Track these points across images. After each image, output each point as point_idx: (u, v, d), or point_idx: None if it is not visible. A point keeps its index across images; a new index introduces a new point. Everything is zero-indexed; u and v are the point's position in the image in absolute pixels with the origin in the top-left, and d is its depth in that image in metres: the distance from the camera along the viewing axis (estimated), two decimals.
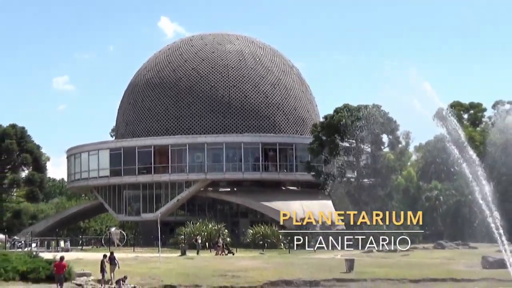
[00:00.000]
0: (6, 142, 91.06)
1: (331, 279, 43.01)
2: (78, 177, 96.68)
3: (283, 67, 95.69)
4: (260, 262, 50.01)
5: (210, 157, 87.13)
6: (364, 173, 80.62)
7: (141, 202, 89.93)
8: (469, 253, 54.77)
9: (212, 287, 39.97)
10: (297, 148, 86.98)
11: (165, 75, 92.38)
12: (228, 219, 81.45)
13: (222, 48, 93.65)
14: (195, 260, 51.63)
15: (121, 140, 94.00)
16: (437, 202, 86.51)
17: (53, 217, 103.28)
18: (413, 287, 42.05)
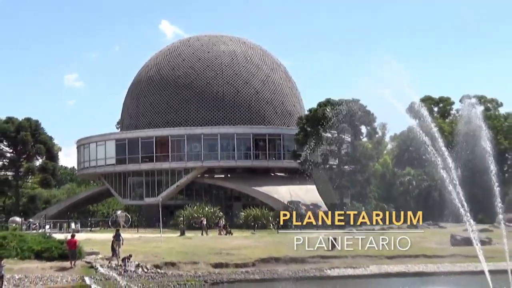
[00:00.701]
0: (22, 134, 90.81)
1: (316, 256, 43.02)
2: (87, 165, 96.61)
3: (271, 65, 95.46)
4: (252, 241, 50.00)
5: (206, 146, 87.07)
6: (344, 160, 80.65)
7: (144, 188, 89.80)
8: (439, 232, 54.92)
9: (208, 264, 40.05)
10: (285, 139, 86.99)
11: (165, 73, 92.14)
12: (222, 203, 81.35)
13: (217, 48, 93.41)
14: (193, 239, 51.61)
15: (126, 132, 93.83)
16: (410, 187, 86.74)
17: (65, 201, 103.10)
18: (389, 262, 42.14)
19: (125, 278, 36.19)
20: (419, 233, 57.77)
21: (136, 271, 37.49)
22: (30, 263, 36.58)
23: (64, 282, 34.14)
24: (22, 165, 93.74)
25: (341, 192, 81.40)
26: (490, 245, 39.59)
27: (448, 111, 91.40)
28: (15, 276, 33.32)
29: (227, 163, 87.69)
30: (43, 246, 39.11)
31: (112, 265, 37.88)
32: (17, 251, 37.79)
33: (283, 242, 48.42)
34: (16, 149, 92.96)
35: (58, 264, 37.02)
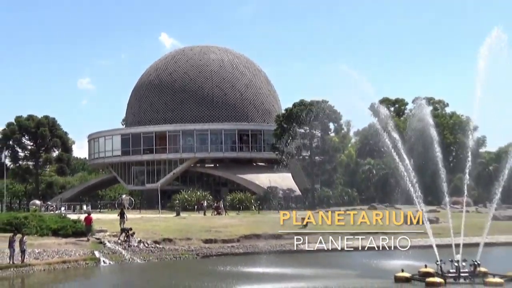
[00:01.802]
0: (41, 129, 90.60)
1: (291, 233, 43.04)
2: (97, 156, 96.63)
3: (253, 71, 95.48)
4: (237, 220, 49.96)
5: (198, 140, 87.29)
6: (315, 152, 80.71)
7: (145, 175, 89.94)
8: (395, 213, 55.00)
9: (200, 240, 40.05)
10: (265, 134, 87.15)
11: (163, 78, 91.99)
12: (212, 188, 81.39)
13: (207, 57, 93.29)
14: (187, 219, 51.53)
15: (130, 128, 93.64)
16: (370, 174, 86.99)
17: (77, 187, 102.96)
18: (352, 238, 42.22)
19: (129, 252, 36.19)
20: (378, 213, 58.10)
21: (138, 246, 37.49)
22: (48, 239, 36.45)
23: (77, 255, 34.06)
24: (41, 156, 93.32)
25: (312, 179, 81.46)
26: (437, 223, 39.76)
27: (403, 111, 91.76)
28: (35, 250, 33.21)
29: (216, 154, 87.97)
30: (59, 225, 39.01)
31: (118, 241, 37.87)
32: (37, 229, 37.64)
33: (263, 221, 48.49)
34: (36, 143, 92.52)
35: (72, 240, 36.93)
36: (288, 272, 28.08)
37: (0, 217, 40.96)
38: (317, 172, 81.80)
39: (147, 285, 27.90)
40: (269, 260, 32.95)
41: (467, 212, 31.40)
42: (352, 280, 25.68)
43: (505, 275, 24.15)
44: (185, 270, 32.09)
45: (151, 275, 31.28)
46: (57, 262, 32.49)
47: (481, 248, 26.44)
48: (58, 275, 30.57)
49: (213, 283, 25.40)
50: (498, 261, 27.64)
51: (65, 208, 71.51)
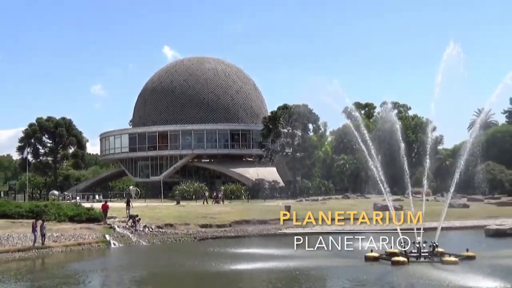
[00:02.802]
0: (59, 129, 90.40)
1: (275, 219, 43.09)
2: (108, 152, 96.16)
3: (243, 79, 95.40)
4: (229, 208, 50.03)
5: (196, 139, 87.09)
6: (296, 149, 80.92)
7: (150, 169, 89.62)
8: (365, 201, 55.29)
9: (197, 225, 40.17)
10: (253, 133, 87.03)
11: (165, 85, 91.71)
12: (207, 180, 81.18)
13: (203, 66, 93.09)
14: (186, 207, 51.46)
15: (136, 128, 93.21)
16: (344, 168, 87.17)
17: (91, 179, 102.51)
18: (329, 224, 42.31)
19: (135, 235, 36.20)
20: (350, 202, 58.39)
21: (144, 230, 37.56)
22: (65, 225, 36.48)
23: (90, 238, 34.07)
24: (59, 152, 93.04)
25: (294, 172, 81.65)
26: (401, 210, 39.99)
27: (372, 113, 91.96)
28: (54, 234, 33.27)
29: (211, 151, 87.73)
30: (74, 212, 39.04)
31: (126, 226, 37.88)
32: (55, 216, 37.66)
33: (251, 209, 48.62)
34: (55, 141, 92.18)
35: (86, 225, 36.96)
36: (272, 252, 28.14)
37: (24, 206, 40.89)
38: (298, 166, 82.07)
39: (151, 263, 27.86)
40: (256, 242, 33.02)
41: (427, 201, 31.57)
42: (327, 259, 25.74)
43: (460, 255, 24.35)
44: (184, 251, 32.12)
45: (155, 255, 31.28)
46: (73, 244, 32.57)
47: (439, 232, 26.62)
48: (74, 255, 30.55)
49: (209, 262, 25.42)
50: (453, 243, 27.84)
51: (79, 197, 71.50)
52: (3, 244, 30.50)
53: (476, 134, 32.41)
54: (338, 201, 61.64)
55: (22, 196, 73.62)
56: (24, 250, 29.88)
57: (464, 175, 30.68)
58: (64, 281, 22.47)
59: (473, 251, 24.95)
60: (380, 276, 21.25)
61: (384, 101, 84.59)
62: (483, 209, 49.63)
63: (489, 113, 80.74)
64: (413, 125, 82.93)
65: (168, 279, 23.51)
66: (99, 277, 24.55)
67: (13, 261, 28.26)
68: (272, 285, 20.44)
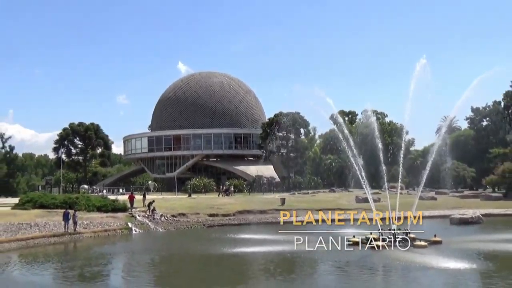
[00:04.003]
0: (88, 133, 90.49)
1: (272, 209, 43.17)
2: (130, 152, 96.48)
3: (245, 90, 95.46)
4: (233, 200, 50.01)
5: (205, 141, 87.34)
6: (290, 150, 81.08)
7: (165, 167, 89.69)
8: (348, 195, 55.34)
9: (206, 214, 40.12)
10: (253, 136, 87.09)
11: (179, 95, 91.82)
12: (214, 176, 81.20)
13: (211, 80, 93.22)
14: (196, 199, 51.49)
15: (154, 132, 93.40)
16: (331, 166, 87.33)
17: (115, 175, 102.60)
18: (317, 213, 42.33)
19: (153, 223, 36.18)
20: (335, 195, 58.48)
21: (160, 218, 37.51)
22: (93, 214, 36.41)
23: (115, 226, 34.05)
24: (88, 153, 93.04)
25: (288, 169, 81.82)
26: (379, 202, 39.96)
27: (354, 120, 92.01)
28: (84, 222, 33.21)
29: (217, 151, 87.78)
30: (101, 203, 38.97)
31: (145, 215, 37.88)
32: (85, 206, 37.60)
33: (252, 201, 48.69)
34: (85, 142, 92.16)
35: (111, 214, 36.89)
36: (269, 238, 28.14)
37: (58, 198, 40.88)
38: (291, 165, 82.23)
39: (166, 247, 27.90)
40: (256, 229, 33.03)
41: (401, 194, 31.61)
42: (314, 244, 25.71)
43: (428, 240, 24.39)
44: (195, 237, 32.11)
45: (169, 240, 31.30)
46: (100, 231, 32.54)
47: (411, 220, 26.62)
48: (101, 240, 30.55)
49: (215, 246, 25.42)
50: (424, 229, 27.82)
51: (106, 191, 71.59)
52: (41, 230, 30.52)
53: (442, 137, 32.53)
54: (325, 194, 61.67)
55: (57, 189, 73.86)
56: (58, 236, 29.86)
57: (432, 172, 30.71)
58: (93, 262, 22.52)
59: (440, 236, 25.00)
60: (361, 258, 21.29)
61: (364, 109, 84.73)
62: (448, 201, 49.64)
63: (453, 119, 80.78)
64: (389, 129, 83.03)
65: (180, 260, 23.55)
66: (123, 258, 24.59)
67: (49, 245, 28.27)
68: (268, 265, 20.47)
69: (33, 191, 65.00)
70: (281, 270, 19.54)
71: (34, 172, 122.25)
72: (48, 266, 22.22)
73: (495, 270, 17.99)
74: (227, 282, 17.71)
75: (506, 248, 22.75)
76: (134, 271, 21.15)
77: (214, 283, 17.59)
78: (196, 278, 18.97)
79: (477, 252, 21.65)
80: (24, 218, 32.96)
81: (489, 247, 23.04)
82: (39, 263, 22.83)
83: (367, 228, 27.69)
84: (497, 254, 21.31)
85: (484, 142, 74.25)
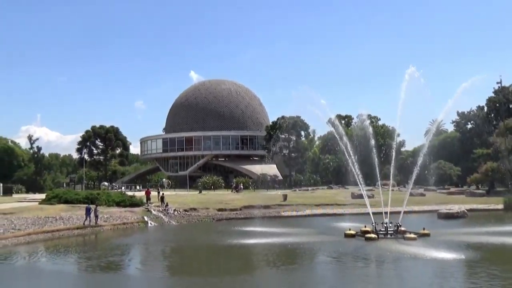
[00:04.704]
0: (109, 135, 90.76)
1: (275, 204, 43.18)
2: (146, 153, 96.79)
3: (251, 96, 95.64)
4: (239, 196, 50.04)
5: (214, 142, 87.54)
6: (291, 150, 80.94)
7: (178, 166, 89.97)
8: (345, 191, 55.23)
9: (215, 209, 40.13)
10: (258, 138, 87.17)
11: (191, 101, 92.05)
12: (223, 174, 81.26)
13: (220, 87, 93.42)
14: (206, 195, 51.49)
15: (168, 134, 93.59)
16: (328, 165, 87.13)
17: (133, 173, 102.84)
18: (316, 207, 42.37)
19: (167, 217, 36.23)
20: (333, 191, 58.42)
21: (173, 213, 37.57)
22: (113, 209, 36.54)
23: (132, 219, 34.14)
24: (108, 153, 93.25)
25: (289, 168, 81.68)
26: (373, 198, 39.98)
27: (350, 123, 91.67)
28: (104, 216, 33.34)
29: (225, 152, 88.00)
30: (120, 199, 39.10)
31: (160, 209, 37.92)
32: (105, 201, 37.75)
33: (257, 197, 48.66)
34: (105, 144, 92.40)
35: (129, 209, 37.00)
36: (272, 231, 28.11)
37: (81, 194, 41.10)
38: (293, 164, 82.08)
39: (179, 238, 27.93)
40: (260, 222, 33.01)
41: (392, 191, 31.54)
42: (314, 236, 25.72)
43: (418, 232, 24.28)
44: (205, 229, 32.14)
45: (182, 232, 31.31)
46: (119, 223, 32.62)
47: (402, 215, 26.56)
48: (120, 232, 30.60)
49: (223, 238, 25.42)
50: (413, 223, 27.74)
51: (124, 187, 71.66)
52: (65, 223, 30.63)
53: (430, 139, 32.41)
54: (323, 191, 61.57)
55: (80, 186, 73.88)
56: (81, 228, 29.96)
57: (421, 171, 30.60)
58: (112, 252, 22.55)
59: (428, 229, 24.89)
60: (356, 249, 21.22)
61: (359, 114, 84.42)
62: (436, 197, 49.46)
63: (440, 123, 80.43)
64: (382, 132, 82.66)
65: (191, 250, 23.55)
66: (139, 248, 24.62)
67: (73, 236, 28.36)
68: (270, 255, 20.43)
69: (58, 188, 65.29)
70: (282, 260, 19.49)
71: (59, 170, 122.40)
72: (71, 255, 22.28)
73: (479, 260, 17.90)
74: (233, 270, 17.69)
75: (489, 240, 22.65)
76: (149, 260, 21.17)
77: (221, 271, 17.57)
78: (205, 267, 18.97)
79: (462, 244, 21.53)
80: (50, 212, 33.11)
81: (474, 239, 22.93)
82: (64, 253, 22.90)
83: (361, 221, 27.66)
84: (481, 245, 21.21)
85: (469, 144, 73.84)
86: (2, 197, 52.98)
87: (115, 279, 17.05)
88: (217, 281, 15.65)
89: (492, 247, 21.16)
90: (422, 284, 14.66)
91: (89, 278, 17.30)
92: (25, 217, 30.86)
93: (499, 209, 40.91)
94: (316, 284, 15.46)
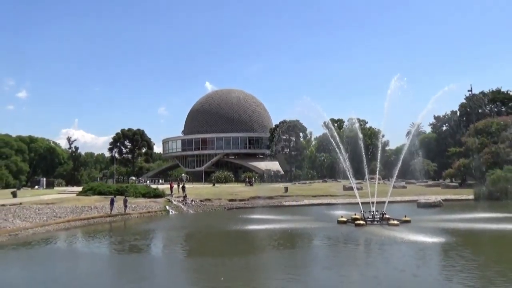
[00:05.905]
0: (136, 136, 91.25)
1: (278, 195, 43.10)
2: (168, 152, 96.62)
3: (257, 103, 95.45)
4: (247, 188, 50.04)
5: (225, 143, 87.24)
6: (292, 149, 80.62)
7: (195, 163, 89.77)
8: (337, 184, 55.02)
9: (226, 199, 40.05)
10: (263, 139, 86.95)
11: (206, 107, 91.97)
12: (233, 170, 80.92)
13: (230, 95, 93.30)
14: (219, 188, 51.52)
15: (186, 136, 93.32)
16: (323, 162, 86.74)
17: (156, 169, 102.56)
18: (313, 198, 42.25)
19: (185, 206, 36.24)
20: (327, 184, 58.24)
21: (191, 203, 37.56)
22: (139, 199, 36.66)
23: (156, 208, 34.18)
24: (135, 152, 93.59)
25: (290, 165, 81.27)
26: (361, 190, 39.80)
27: (342, 126, 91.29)
28: (132, 205, 33.40)
29: (235, 150, 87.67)
30: (145, 191, 39.22)
31: (180, 200, 37.97)
32: (133, 193, 37.89)
33: (262, 188, 48.59)
34: (133, 144, 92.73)
35: (153, 200, 37.10)
36: (275, 218, 28.10)
37: (112, 187, 41.24)
38: (293, 161, 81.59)
39: (196, 225, 27.97)
40: (265, 211, 33.00)
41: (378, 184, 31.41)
42: (310, 223, 25.67)
43: (400, 219, 24.18)
44: (218, 217, 32.14)
45: (198, 219, 31.32)
46: (144, 212, 32.70)
47: (386, 204, 26.48)
48: (146, 219, 30.65)
49: (233, 223, 25.46)
50: (396, 211, 27.63)
51: (149, 181, 71.74)
52: (99, 212, 30.75)
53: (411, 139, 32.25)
54: (319, 184, 61.36)
55: (111, 180, 74.11)
56: (112, 216, 30.08)
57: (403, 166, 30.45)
58: (140, 236, 22.62)
59: (409, 217, 24.78)
60: (347, 233, 21.16)
61: (350, 117, 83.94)
62: (416, 189, 49.21)
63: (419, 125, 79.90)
64: (369, 133, 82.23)
65: (206, 234, 23.55)
66: (162, 233, 24.67)
67: (105, 223, 28.48)
68: (273, 239, 20.41)
69: (93, 182, 65.51)
70: (283, 243, 19.47)
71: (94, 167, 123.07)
72: (104, 239, 22.37)
73: (453, 243, 17.82)
74: (241, 252, 17.70)
75: (461, 226, 22.54)
76: (170, 243, 21.21)
77: (231, 253, 17.58)
78: (217, 249, 18.98)
79: (438, 229, 21.44)
80: (86, 202, 33.27)
81: (449, 225, 22.83)
82: (97, 237, 23.00)
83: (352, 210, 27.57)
84: (455, 230, 21.11)
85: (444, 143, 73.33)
86: (45, 189, 53.37)
87: (142, 260, 17.11)
88: (227, 261, 15.67)
89: (464, 232, 21.05)
90: (404, 264, 14.61)
91: (119, 259, 17.37)
92: (64, 207, 31.04)
93: (470, 199, 40.66)
94: (312, 263, 15.45)
